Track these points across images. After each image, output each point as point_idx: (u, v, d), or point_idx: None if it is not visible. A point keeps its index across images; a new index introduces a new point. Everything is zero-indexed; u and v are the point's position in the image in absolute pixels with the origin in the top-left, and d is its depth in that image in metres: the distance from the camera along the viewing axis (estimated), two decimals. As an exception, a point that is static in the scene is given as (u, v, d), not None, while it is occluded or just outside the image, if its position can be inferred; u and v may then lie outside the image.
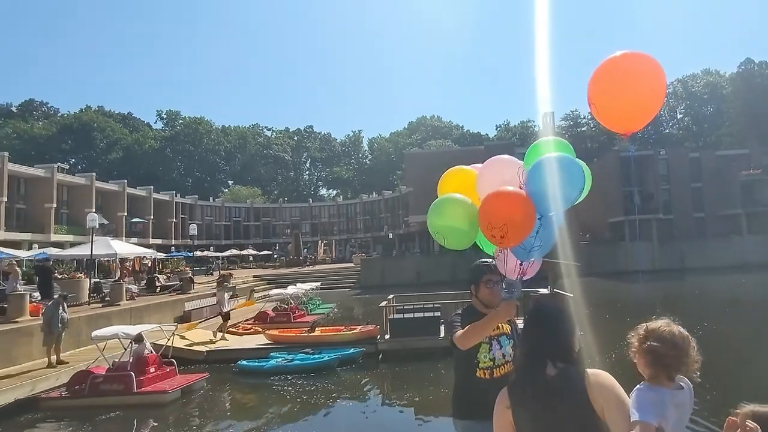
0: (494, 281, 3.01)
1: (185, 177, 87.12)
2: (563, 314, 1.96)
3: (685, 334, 1.76)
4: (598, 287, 22.59)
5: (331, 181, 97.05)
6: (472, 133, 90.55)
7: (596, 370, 1.77)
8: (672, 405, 1.68)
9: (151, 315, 16.87)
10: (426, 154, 56.51)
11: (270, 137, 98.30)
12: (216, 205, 69.75)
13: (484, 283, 3.02)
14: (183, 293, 21.61)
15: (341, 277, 41.50)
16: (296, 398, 10.20)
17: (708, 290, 27.73)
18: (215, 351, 13.78)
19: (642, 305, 20.63)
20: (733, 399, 6.62)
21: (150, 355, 10.44)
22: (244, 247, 59.21)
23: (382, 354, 13.19)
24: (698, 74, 77.21)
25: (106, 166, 74.04)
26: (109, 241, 22.91)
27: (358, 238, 70.37)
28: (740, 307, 21.14)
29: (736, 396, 7.04)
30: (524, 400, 1.80)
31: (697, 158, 48.75)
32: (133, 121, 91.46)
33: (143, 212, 52.92)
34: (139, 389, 9.67)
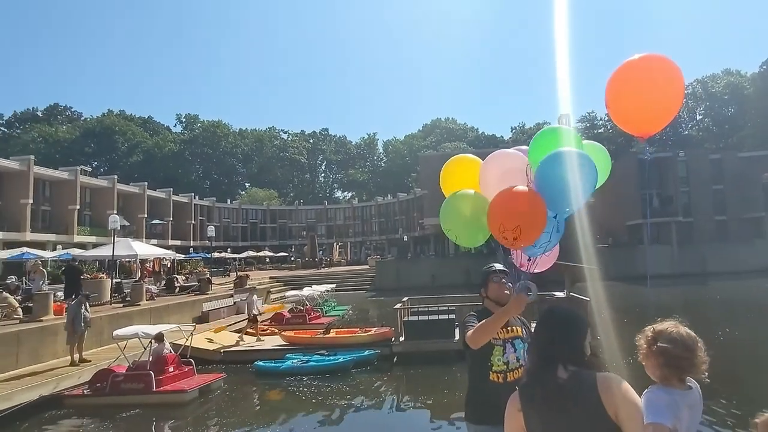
0: (501, 275, 3.03)
1: (203, 179, 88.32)
2: (575, 317, 1.96)
3: (693, 335, 1.76)
4: (616, 291, 22.22)
5: (347, 184, 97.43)
6: (487, 136, 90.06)
7: (608, 373, 1.77)
8: (685, 406, 1.69)
9: (171, 315, 17.08)
10: (441, 157, 56.02)
11: (286, 140, 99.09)
12: (233, 207, 70.56)
13: (490, 280, 3.04)
14: (201, 294, 21.89)
15: (356, 279, 41.58)
16: (311, 399, 10.26)
17: (730, 295, 27.08)
18: (232, 351, 13.94)
19: (661, 310, 20.24)
20: (753, 406, 6.51)
21: (169, 355, 10.58)
22: (260, 249, 59.76)
23: (396, 356, 13.19)
24: (718, 75, 75.50)
25: (127, 169, 75.51)
26: (130, 242, 23.34)
27: (373, 241, 70.47)
28: (763, 312, 20.61)
29: (756, 403, 6.92)
30: (535, 402, 1.79)
31: (718, 160, 47.64)
32: (154, 124, 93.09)
33: (163, 214, 53.78)
34: (158, 388, 9.81)
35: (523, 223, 2.54)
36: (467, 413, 2.96)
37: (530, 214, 2.57)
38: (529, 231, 2.59)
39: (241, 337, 15.43)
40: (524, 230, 2.56)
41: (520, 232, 2.55)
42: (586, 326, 1.95)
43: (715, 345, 12.88)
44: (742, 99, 68.77)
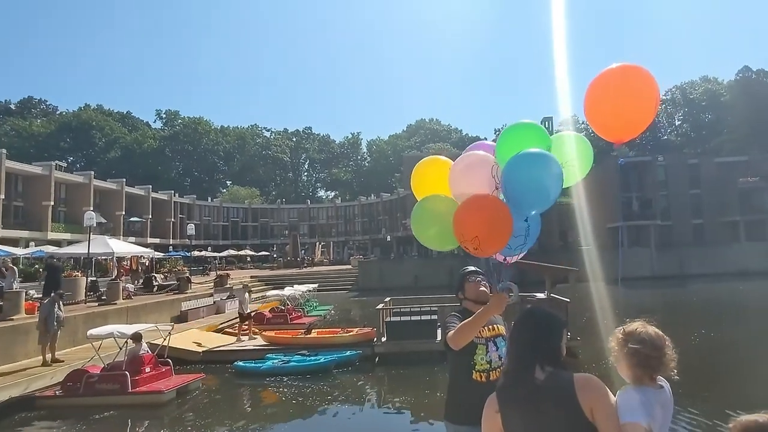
0: (476, 274, 3.04)
1: (184, 177, 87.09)
2: (553, 318, 1.97)
3: (661, 334, 1.80)
4: (596, 293, 22.57)
5: (330, 183, 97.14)
6: (470, 137, 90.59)
7: (585, 373, 1.78)
8: (658, 405, 1.72)
9: (148, 314, 16.79)
10: (424, 158, 56.46)
11: (269, 138, 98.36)
12: (214, 206, 69.68)
13: (466, 281, 3.04)
14: (180, 293, 21.54)
15: (339, 279, 41.43)
16: (292, 400, 10.16)
17: (707, 297, 27.76)
18: (211, 351, 13.74)
19: (640, 311, 20.61)
20: (728, 405, 6.64)
21: (146, 355, 10.38)
22: (241, 248, 59.15)
23: (378, 357, 13.16)
24: (697, 81, 77.53)
25: (105, 165, 73.98)
26: (107, 239, 22.83)
27: (356, 240, 70.34)
28: (738, 314, 21.16)
29: (731, 402, 7.09)
30: (514, 403, 1.80)
31: (696, 165, 48.84)
32: (133, 120, 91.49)
33: (141, 211, 52.81)
34: (134, 389, 9.61)
35: (480, 234, 2.54)
36: (448, 413, 2.93)
37: (489, 225, 2.55)
38: (488, 242, 2.58)
39: (238, 338, 15.25)
40: (483, 241, 2.55)
41: (479, 242, 2.55)
42: (563, 327, 1.97)
43: (692, 346, 13.25)
44: (719, 106, 70.74)
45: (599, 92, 2.49)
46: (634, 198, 46.45)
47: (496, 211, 2.57)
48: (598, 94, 2.50)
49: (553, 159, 2.59)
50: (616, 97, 2.43)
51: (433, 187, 3.12)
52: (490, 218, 2.55)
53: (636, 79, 2.44)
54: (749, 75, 67.24)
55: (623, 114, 2.46)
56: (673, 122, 79.89)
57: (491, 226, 2.56)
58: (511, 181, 2.59)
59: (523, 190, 2.56)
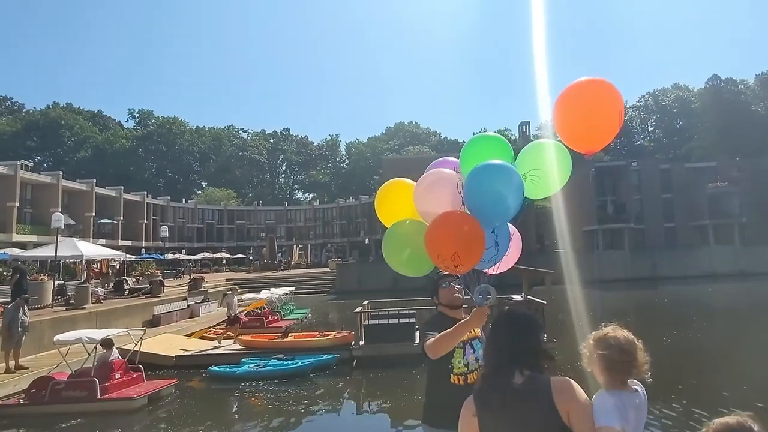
0: (449, 280, 3.02)
1: (157, 178, 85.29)
2: (531, 319, 1.98)
3: (631, 338, 1.83)
4: (572, 295, 22.97)
5: (308, 185, 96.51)
6: (449, 140, 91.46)
7: (561, 376, 1.79)
8: (631, 407, 1.75)
9: (119, 319, 16.33)
10: (403, 160, 56.67)
11: (246, 139, 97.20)
12: (189, 207, 68.33)
13: (440, 286, 3.04)
14: (153, 296, 21.01)
15: (317, 282, 41.13)
16: (268, 405, 10.00)
17: (677, 299, 28.56)
18: (185, 356, 13.43)
19: (614, 313, 21.04)
20: (699, 405, 6.75)
21: (116, 361, 10.10)
22: (217, 251, 58.21)
23: (356, 360, 13.07)
24: (668, 89, 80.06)
25: (74, 165, 71.81)
26: (75, 242, 22.15)
27: (335, 243, 69.99)
28: (707, 315, 21.79)
29: (702, 402, 7.18)
30: (491, 407, 1.79)
31: (668, 170, 50.28)
32: (104, 119, 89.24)
33: (113, 213, 51.42)
34: (103, 396, 9.33)
35: (460, 250, 2.55)
36: (426, 416, 2.91)
37: (466, 240, 2.56)
38: (467, 257, 2.59)
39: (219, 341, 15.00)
40: (463, 257, 2.56)
41: (459, 259, 2.55)
42: (540, 329, 1.98)
43: (663, 347, 13.54)
44: (689, 112, 73.19)
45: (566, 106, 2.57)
46: (609, 202, 47.51)
47: (469, 225, 2.59)
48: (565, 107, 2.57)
49: (511, 169, 2.62)
50: (582, 110, 2.52)
51: (398, 210, 3.10)
52: (465, 233, 2.57)
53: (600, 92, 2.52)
54: (718, 83, 69.80)
55: (590, 126, 2.54)
56: (646, 128, 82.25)
57: (468, 240, 2.57)
58: (472, 192, 2.62)
59: (483, 202, 2.59)
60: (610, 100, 2.52)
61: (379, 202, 3.25)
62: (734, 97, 68.40)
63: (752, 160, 50.15)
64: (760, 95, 71.05)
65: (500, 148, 2.80)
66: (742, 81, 72.73)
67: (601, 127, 2.57)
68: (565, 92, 2.57)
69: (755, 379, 10.53)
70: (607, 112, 2.53)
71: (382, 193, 3.25)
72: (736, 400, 8.15)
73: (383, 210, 3.25)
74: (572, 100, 2.56)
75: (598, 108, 2.51)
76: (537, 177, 2.78)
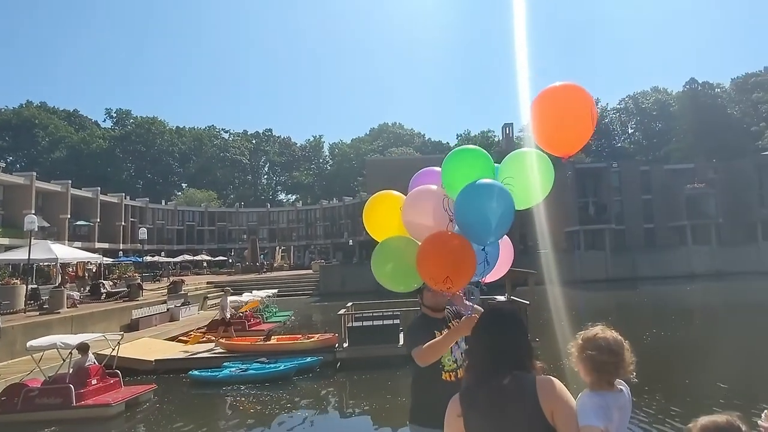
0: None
1: (136, 179, 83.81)
2: (516, 319, 1.98)
3: (619, 339, 1.84)
4: (554, 295, 23.24)
5: (291, 186, 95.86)
6: (433, 142, 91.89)
7: (545, 376, 1.79)
8: (615, 408, 1.77)
9: (96, 323, 15.97)
10: (387, 162, 56.78)
11: (227, 140, 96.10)
12: (168, 209, 67.12)
13: (425, 289, 3.03)
14: (131, 300, 20.56)
15: (300, 284, 40.82)
16: (250, 409, 9.84)
17: (656, 298, 29.10)
18: (164, 360, 13.14)
19: (596, 313, 21.32)
20: (678, 403, 6.83)
21: (92, 366, 9.85)
22: (197, 253, 57.34)
23: (340, 362, 12.97)
24: (648, 91, 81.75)
25: (49, 166, 70.09)
26: (50, 244, 21.55)
27: (318, 245, 69.59)
28: (685, 314, 22.23)
29: (681, 399, 7.25)
30: (478, 406, 1.77)
31: (647, 171, 51.24)
32: (80, 119, 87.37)
33: (89, 215, 50.21)
34: (78, 403, 9.09)
35: (451, 274, 2.58)
36: (414, 416, 2.89)
37: (456, 264, 2.59)
38: (459, 279, 2.62)
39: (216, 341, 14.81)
40: (455, 279, 2.60)
41: (451, 282, 2.59)
42: (525, 327, 1.98)
43: (643, 346, 13.75)
44: (668, 115, 74.89)
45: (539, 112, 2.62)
46: (590, 203, 48.22)
47: (459, 248, 2.61)
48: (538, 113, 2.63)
49: (504, 191, 2.65)
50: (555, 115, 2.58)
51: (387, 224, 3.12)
52: (455, 258, 2.59)
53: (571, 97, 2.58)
54: (695, 87, 71.66)
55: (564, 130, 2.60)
56: (626, 130, 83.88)
57: (458, 264, 2.60)
58: (464, 213, 2.63)
59: (476, 222, 2.61)
60: (581, 103, 2.57)
61: (367, 215, 3.26)
62: (711, 101, 70.30)
63: (728, 163, 51.54)
64: (735, 99, 73.19)
65: (483, 164, 2.80)
66: (719, 85, 74.96)
67: (574, 131, 2.61)
68: (537, 99, 2.63)
69: (731, 377, 10.77)
70: (579, 116, 2.58)
71: (370, 206, 3.25)
72: (713, 397, 8.30)
73: (371, 223, 3.26)
74: (545, 106, 2.61)
75: (570, 112, 2.56)
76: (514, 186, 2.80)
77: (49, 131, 77.75)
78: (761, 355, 13.27)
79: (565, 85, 2.61)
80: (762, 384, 9.97)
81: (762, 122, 68.71)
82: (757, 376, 11.02)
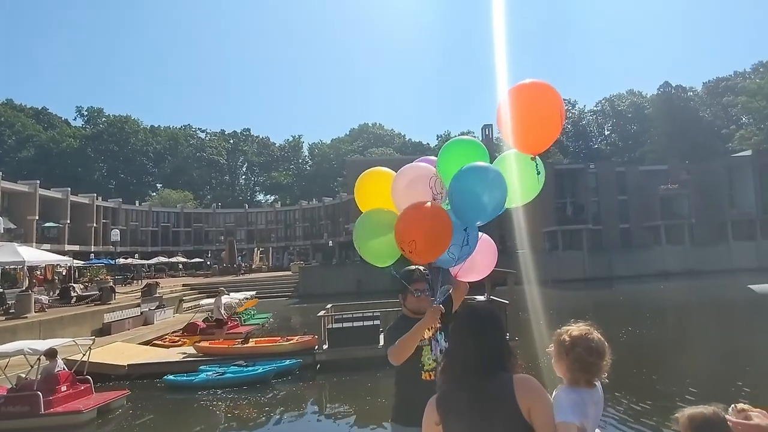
0: (420, 290, 3.03)
1: (108, 179, 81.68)
2: (495, 317, 1.98)
3: (603, 340, 1.88)
4: (534, 295, 23.50)
5: (269, 187, 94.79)
6: (413, 142, 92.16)
7: (522, 374, 1.79)
8: (591, 404, 1.80)
9: (65, 328, 15.46)
10: (368, 162, 56.42)
11: (204, 139, 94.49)
12: (142, 210, 65.58)
13: (410, 292, 3.05)
14: (103, 304, 19.96)
15: (278, 285, 40.38)
16: (227, 414, 9.65)
17: (632, 297, 29.75)
18: (138, 365, 12.77)
19: (573, 312, 21.59)
20: (654, 398, 6.93)
21: (61, 372, 9.52)
22: (173, 255, 56.18)
23: (319, 365, 12.85)
24: (623, 94, 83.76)
25: (15, 165, 67.71)
26: (16, 247, 20.76)
27: (297, 246, 68.97)
28: (659, 312, 22.75)
29: (657, 395, 7.36)
30: (458, 408, 1.76)
31: (623, 172, 52.31)
32: (49, 116, 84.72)
33: (59, 216, 48.66)
34: (47, 410, 8.80)
35: (418, 239, 2.59)
36: (395, 415, 2.92)
37: (426, 228, 2.61)
38: (424, 248, 2.63)
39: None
40: (419, 246, 2.60)
41: (414, 246, 2.60)
42: (504, 325, 1.97)
43: (620, 344, 13.98)
44: (643, 117, 76.81)
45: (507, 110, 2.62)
46: (568, 203, 48.94)
47: (435, 217, 2.62)
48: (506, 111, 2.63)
49: (501, 177, 2.69)
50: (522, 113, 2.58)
51: (376, 199, 3.13)
52: (427, 224, 2.61)
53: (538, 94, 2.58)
54: (669, 90, 73.75)
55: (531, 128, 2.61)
56: (603, 132, 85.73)
57: (427, 230, 2.60)
58: (461, 191, 2.67)
59: (470, 201, 2.65)
60: (549, 100, 2.57)
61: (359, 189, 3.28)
62: (684, 104, 72.47)
63: (700, 164, 53.12)
64: (707, 102, 75.63)
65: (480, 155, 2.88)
66: (691, 88, 77.34)
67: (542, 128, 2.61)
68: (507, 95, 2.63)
69: (701, 373, 11.10)
70: (546, 113, 2.57)
71: (362, 180, 3.26)
72: (682, 393, 8.47)
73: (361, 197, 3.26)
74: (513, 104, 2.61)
75: (538, 110, 2.55)
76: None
77: (16, 129, 75.23)
78: (729, 352, 13.76)
79: (533, 83, 2.61)
80: (729, 379, 10.29)
81: (732, 125, 71.16)
82: (724, 371, 11.41)
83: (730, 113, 73.03)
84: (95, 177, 77.64)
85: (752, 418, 1.54)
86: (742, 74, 76.13)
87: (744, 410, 1.59)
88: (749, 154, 51.85)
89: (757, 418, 1.54)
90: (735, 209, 48.88)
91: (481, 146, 2.93)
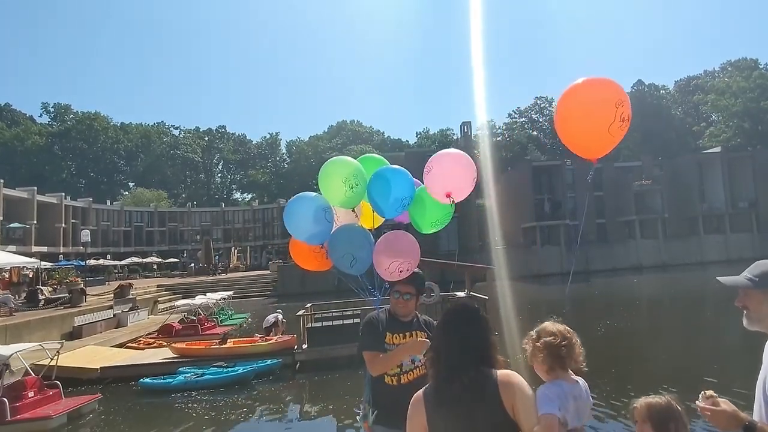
0: (402, 292, 2.98)
1: (77, 178, 79.28)
2: (483, 316, 2.01)
3: (568, 329, 1.99)
4: (512, 290, 23.72)
5: (246, 185, 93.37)
6: (392, 140, 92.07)
7: (505, 370, 1.82)
8: (571, 397, 1.87)
9: (33, 332, 14.88)
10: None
11: (177, 137, 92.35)
12: (114, 209, 63.81)
13: (392, 292, 3.04)
14: (73, 306, 19.26)
15: (257, 285, 39.86)
16: (205, 416, 9.39)
17: (607, 290, 30.32)
18: (111, 368, 12.36)
19: (551, 307, 21.90)
20: (630, 388, 6.99)
21: (28, 378, 9.24)
22: (147, 255, 54.89)
23: (299, 364, 12.69)
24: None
25: (-23, 164, 65.13)
26: (-20, 248, 19.89)
27: (276, 245, 68.12)
28: (633, 305, 23.23)
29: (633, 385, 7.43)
30: (445, 404, 1.79)
31: (599, 169, 53.19)
32: (12, 113, 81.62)
33: (24, 216, 46.91)
34: (14, 417, 8.49)
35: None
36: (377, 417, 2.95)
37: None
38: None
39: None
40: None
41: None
42: (488, 323, 2.01)
43: (597, 337, 14.19)
44: (618, 114, 78.34)
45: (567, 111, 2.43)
46: (546, 200, 49.63)
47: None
48: (565, 112, 2.45)
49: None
50: (584, 114, 2.35)
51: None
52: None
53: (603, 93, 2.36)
54: (642, 88, 75.57)
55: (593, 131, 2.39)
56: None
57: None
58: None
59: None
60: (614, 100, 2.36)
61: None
62: (656, 102, 74.43)
63: (672, 160, 54.56)
64: (678, 100, 77.80)
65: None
66: (663, 86, 79.37)
67: (605, 131, 2.39)
68: (564, 96, 2.42)
69: (673, 362, 11.38)
70: (605, 116, 2.34)
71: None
72: (656, 382, 8.60)
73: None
74: (572, 104, 2.40)
75: (601, 110, 2.33)
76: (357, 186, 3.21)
77: (-22, 127, 72.38)
78: (699, 341, 14.18)
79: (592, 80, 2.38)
80: (699, 367, 10.64)
81: (702, 122, 73.35)
82: (694, 360, 11.79)
83: (701, 111, 75.30)
84: (63, 176, 75.28)
85: (720, 404, 1.67)
86: (711, 73, 78.59)
87: (712, 396, 1.69)
88: (718, 151, 53.54)
89: (724, 404, 1.66)
90: (705, 204, 50.44)
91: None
